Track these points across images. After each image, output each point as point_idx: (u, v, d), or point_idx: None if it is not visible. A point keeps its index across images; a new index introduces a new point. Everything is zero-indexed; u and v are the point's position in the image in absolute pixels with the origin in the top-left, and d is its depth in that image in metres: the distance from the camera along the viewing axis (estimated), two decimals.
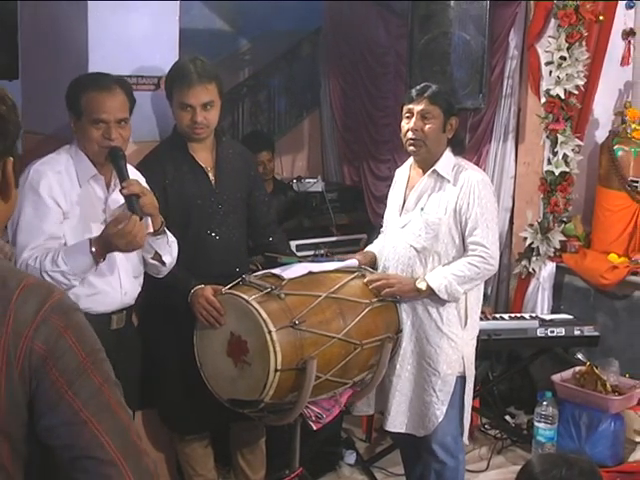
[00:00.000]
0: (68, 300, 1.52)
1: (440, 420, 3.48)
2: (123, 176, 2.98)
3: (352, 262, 3.54)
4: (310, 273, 3.30)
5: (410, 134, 3.45)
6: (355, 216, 5.84)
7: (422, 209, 3.48)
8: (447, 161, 3.48)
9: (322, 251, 3.87)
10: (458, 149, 3.54)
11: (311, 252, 5.02)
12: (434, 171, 3.47)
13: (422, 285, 3.40)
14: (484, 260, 3.39)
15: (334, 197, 5.72)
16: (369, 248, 3.80)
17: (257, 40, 6.22)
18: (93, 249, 2.86)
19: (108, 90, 3.02)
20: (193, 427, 3.59)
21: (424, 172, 3.51)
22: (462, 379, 3.53)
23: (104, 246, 2.88)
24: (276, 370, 2.96)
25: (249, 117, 6.27)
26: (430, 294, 3.40)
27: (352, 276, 3.40)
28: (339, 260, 3.57)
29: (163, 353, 3.47)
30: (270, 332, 2.97)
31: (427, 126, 3.43)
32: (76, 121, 3.03)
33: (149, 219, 3.03)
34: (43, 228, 2.93)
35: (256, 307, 3.01)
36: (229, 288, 3.19)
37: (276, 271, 3.28)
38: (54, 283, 2.76)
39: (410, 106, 3.47)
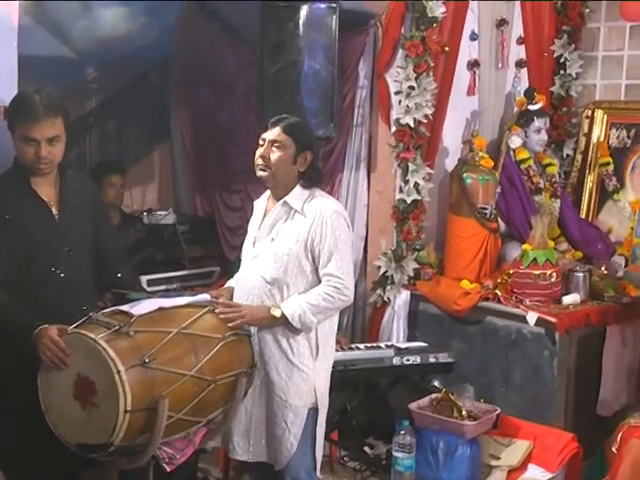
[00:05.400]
0: None
1: (292, 453, 3.48)
2: None
3: (204, 296, 3.50)
4: (160, 309, 3.24)
5: (259, 160, 3.52)
6: (208, 248, 5.82)
7: (272, 239, 3.50)
8: (299, 192, 3.52)
9: (172, 285, 3.84)
10: (312, 182, 3.58)
11: (163, 287, 4.96)
12: (285, 202, 3.50)
13: (277, 312, 3.41)
14: (339, 291, 3.44)
15: (186, 229, 5.68)
16: (229, 283, 3.79)
17: (104, 67, 6.11)
18: None
19: None
20: (38, 477, 3.45)
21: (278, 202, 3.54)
22: (315, 411, 3.54)
23: None
24: (126, 411, 2.88)
25: (97, 147, 6.16)
26: (283, 322, 3.41)
27: (204, 310, 3.36)
28: (191, 295, 3.53)
29: (3, 397, 3.33)
30: (119, 372, 2.89)
31: (275, 154, 3.48)
32: None
33: None
34: None
35: (103, 346, 2.94)
36: (75, 327, 3.09)
37: (125, 308, 3.20)
38: None
39: (264, 135, 3.54)
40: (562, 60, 5.97)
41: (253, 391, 3.52)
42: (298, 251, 3.45)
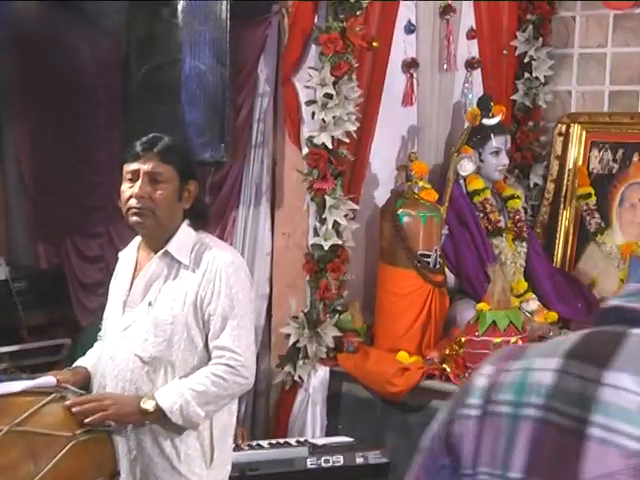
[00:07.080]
0: None
1: None
2: None
3: (47, 380, 3.46)
4: None
5: (134, 202, 3.45)
6: (55, 313, 5.77)
7: (150, 304, 3.48)
8: (185, 239, 3.51)
9: (4, 365, 3.80)
10: (200, 222, 3.59)
11: None
12: (166, 253, 3.48)
13: (149, 405, 3.38)
14: (234, 371, 3.43)
15: (24, 287, 5.64)
16: (80, 362, 3.75)
17: None
18: None
19: None
20: None
21: (155, 253, 3.52)
22: None
23: None
24: None
25: None
26: (160, 417, 3.39)
27: (47, 399, 3.32)
28: (29, 378, 3.48)
29: None
30: None
31: (158, 192, 3.45)
32: None
33: None
34: None
35: None
36: None
37: None
38: None
39: (134, 166, 3.47)
40: (527, 59, 6.13)
41: None
42: (186, 317, 3.43)
